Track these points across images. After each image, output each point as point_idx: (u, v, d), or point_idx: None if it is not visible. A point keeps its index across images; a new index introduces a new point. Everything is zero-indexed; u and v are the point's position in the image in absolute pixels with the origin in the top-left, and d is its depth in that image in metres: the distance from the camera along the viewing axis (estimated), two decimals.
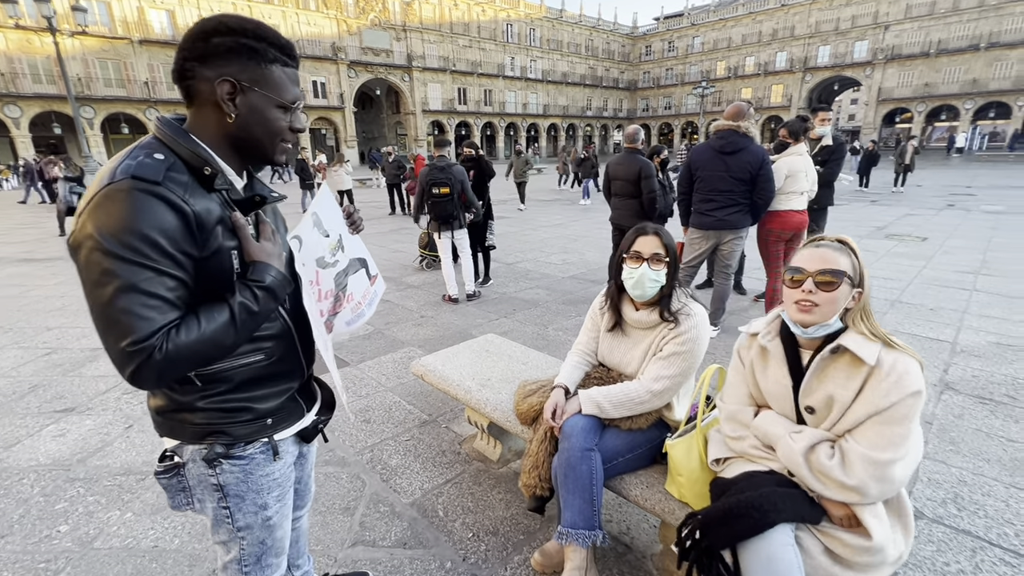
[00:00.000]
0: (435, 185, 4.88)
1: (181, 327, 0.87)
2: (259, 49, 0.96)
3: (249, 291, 0.95)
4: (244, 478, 1.09)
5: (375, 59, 39.73)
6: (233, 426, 1.05)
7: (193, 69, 0.94)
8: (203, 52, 0.93)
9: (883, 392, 1.19)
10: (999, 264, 6.36)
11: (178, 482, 1.08)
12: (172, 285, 0.87)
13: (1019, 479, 2.34)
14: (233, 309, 0.92)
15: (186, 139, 0.95)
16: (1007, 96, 38.28)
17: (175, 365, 0.86)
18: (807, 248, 1.34)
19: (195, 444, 1.05)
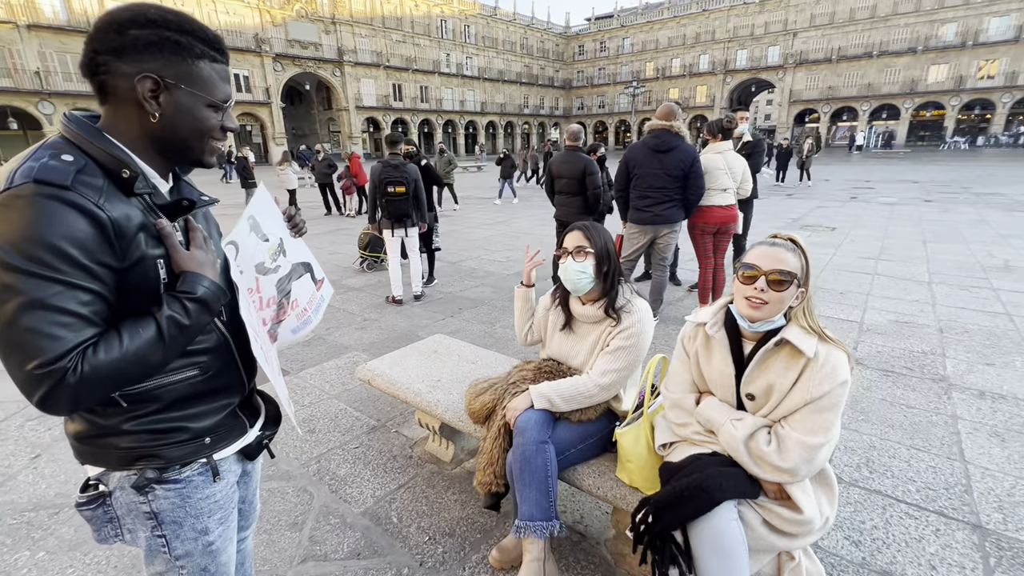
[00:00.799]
0: (391, 184, 4.78)
1: (100, 345, 0.79)
2: (184, 43, 0.88)
3: (179, 303, 0.87)
4: (181, 503, 1.01)
5: (303, 52, 37.94)
6: (166, 448, 0.96)
7: (107, 64, 0.85)
8: (119, 45, 0.84)
9: (817, 382, 1.30)
10: (895, 250, 7.11)
11: (104, 513, 0.98)
12: (86, 299, 0.79)
13: (918, 441, 2.64)
14: (160, 324, 0.84)
15: (100, 139, 0.86)
16: (896, 99, 42.77)
17: (92, 388, 0.78)
18: (761, 246, 1.40)
19: (123, 470, 0.96)
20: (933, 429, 2.74)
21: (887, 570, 1.84)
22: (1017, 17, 37.61)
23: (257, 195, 1.17)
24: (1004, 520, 2.07)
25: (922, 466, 2.43)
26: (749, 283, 1.36)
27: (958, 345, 3.84)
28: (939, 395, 3.11)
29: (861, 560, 1.89)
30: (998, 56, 38.69)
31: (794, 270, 1.34)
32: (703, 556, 1.24)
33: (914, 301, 4.89)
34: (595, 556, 1.94)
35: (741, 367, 1.42)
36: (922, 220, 9.59)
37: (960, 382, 3.27)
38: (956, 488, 2.27)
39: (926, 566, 1.86)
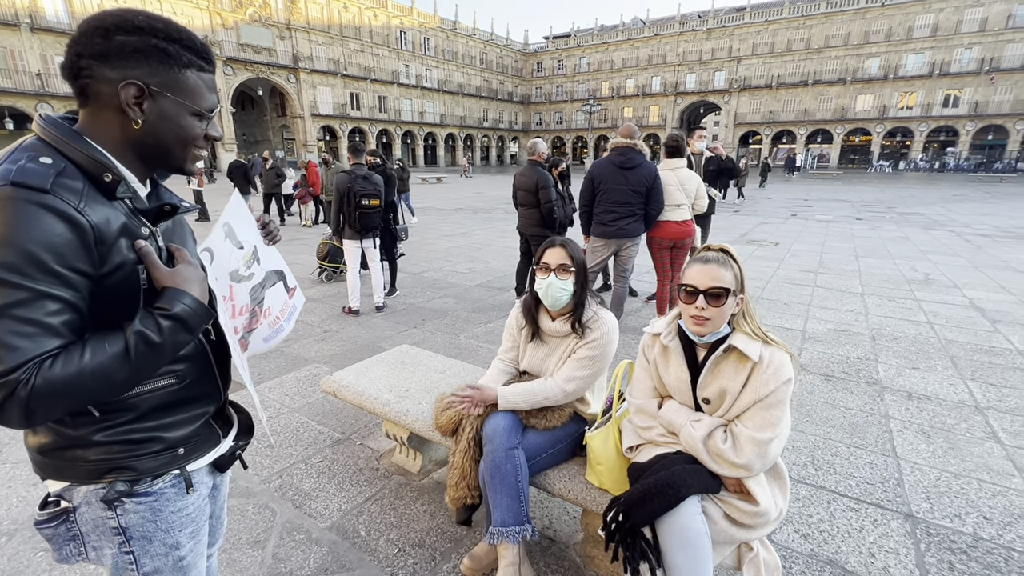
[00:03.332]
0: (366, 197, 4.72)
1: (58, 358, 0.75)
2: (171, 52, 0.88)
3: (152, 320, 0.83)
4: (152, 517, 0.97)
5: (256, 57, 36.84)
6: (138, 459, 0.93)
7: (90, 68, 0.83)
8: (103, 50, 0.83)
9: (764, 382, 1.41)
10: (831, 264, 7.65)
11: (67, 530, 0.94)
12: (54, 308, 0.76)
13: (856, 439, 2.85)
14: (128, 340, 0.81)
15: (79, 142, 0.84)
16: (829, 124, 46.17)
17: (46, 403, 0.75)
18: (696, 264, 1.49)
19: (90, 484, 0.92)
20: (869, 428, 2.97)
21: (833, 559, 1.98)
22: (930, 55, 41.65)
23: (232, 202, 1.16)
24: (931, 509, 2.27)
25: (860, 462, 2.63)
26: (691, 301, 1.45)
27: (888, 351, 4.17)
28: (873, 397, 3.37)
29: (810, 551, 2.02)
30: (915, 89, 42.63)
31: (728, 284, 1.44)
32: (671, 550, 1.31)
33: (849, 311, 5.28)
34: (565, 560, 1.98)
35: (696, 372, 1.52)
36: (854, 236, 10.36)
37: (891, 385, 3.55)
38: (890, 482, 2.47)
39: (866, 554, 2.01)
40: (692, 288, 1.45)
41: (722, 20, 50.26)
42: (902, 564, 1.96)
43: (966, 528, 2.16)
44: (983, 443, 2.82)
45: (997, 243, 9.63)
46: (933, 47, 41.46)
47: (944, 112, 42.01)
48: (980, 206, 16.63)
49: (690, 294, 1.46)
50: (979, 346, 4.30)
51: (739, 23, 48.90)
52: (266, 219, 1.26)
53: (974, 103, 40.64)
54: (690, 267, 1.50)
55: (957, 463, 2.63)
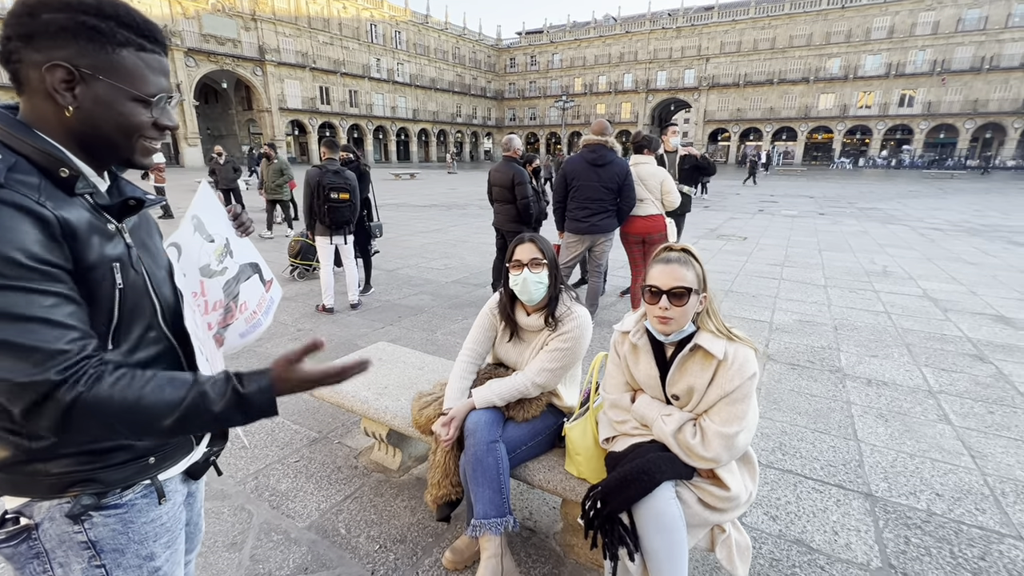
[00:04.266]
0: (335, 190, 4.65)
1: (124, 377, 0.75)
2: (103, 29, 0.79)
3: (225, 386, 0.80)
4: (123, 529, 0.92)
5: (219, 48, 35.63)
6: (105, 471, 0.88)
7: (18, 51, 0.77)
8: (29, 31, 0.76)
9: (728, 379, 1.45)
10: (797, 258, 7.93)
11: (29, 548, 0.87)
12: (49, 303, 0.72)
13: (820, 425, 2.98)
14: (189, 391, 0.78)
15: (28, 134, 0.79)
16: (794, 122, 47.65)
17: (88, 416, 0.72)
18: (658, 264, 1.50)
19: (53, 499, 0.86)
20: (832, 414, 3.11)
21: (799, 538, 2.08)
22: (887, 56, 43.41)
23: (200, 193, 1.11)
24: (889, 488, 2.40)
25: (824, 446, 2.76)
26: (655, 302, 1.48)
27: (849, 340, 4.37)
28: (836, 384, 3.52)
29: (778, 532, 2.12)
30: (873, 89, 44.39)
31: (690, 283, 1.46)
32: (647, 534, 1.35)
33: (814, 303, 5.49)
34: (545, 549, 2.01)
35: (665, 369, 1.56)
36: (817, 231, 10.76)
37: (852, 372, 3.72)
38: (851, 463, 2.60)
39: (830, 532, 2.12)
40: (655, 288, 1.47)
41: (691, 19, 51.22)
42: (863, 540, 2.07)
43: (920, 505, 2.29)
44: (935, 425, 3.00)
45: (948, 236, 10.15)
46: (890, 48, 43.23)
47: (900, 111, 43.91)
48: (933, 201, 17.47)
49: (654, 294, 1.48)
50: (932, 334, 4.54)
51: (707, 22, 49.92)
52: (237, 210, 1.22)
53: (927, 103, 42.61)
54: (652, 268, 1.52)
55: (912, 444, 2.79)
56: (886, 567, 1.94)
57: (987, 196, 19.52)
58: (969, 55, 40.77)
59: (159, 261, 1.02)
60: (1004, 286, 6.28)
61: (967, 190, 22.33)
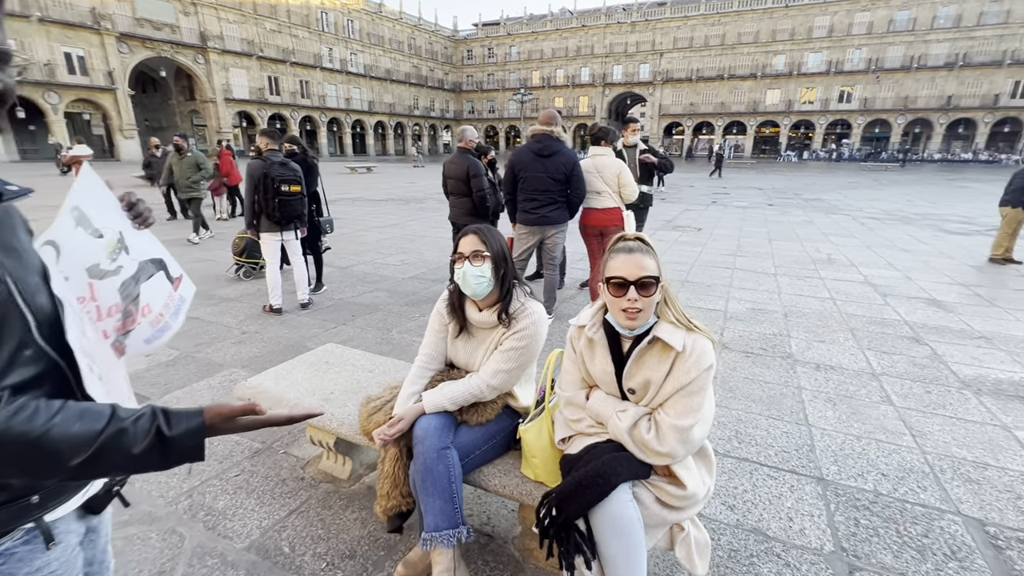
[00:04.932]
0: (285, 182, 4.38)
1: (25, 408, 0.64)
2: None
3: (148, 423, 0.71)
4: None
5: (156, 34, 33.40)
6: None
7: None
8: None
9: (685, 370, 1.41)
10: (748, 247, 8.18)
11: None
12: None
13: (774, 411, 3.04)
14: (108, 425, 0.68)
15: None
16: (743, 117, 49.41)
17: None
18: (620, 254, 1.44)
19: None
20: (784, 400, 3.18)
21: (756, 527, 2.09)
22: (827, 54, 45.60)
23: (81, 179, 0.93)
24: (839, 471, 2.47)
25: (778, 432, 2.81)
26: (621, 294, 1.41)
27: (798, 327, 4.51)
28: (787, 370, 3.62)
29: (736, 522, 2.12)
30: (815, 85, 46.55)
31: (655, 272, 1.41)
32: (604, 539, 1.29)
33: (765, 291, 5.66)
34: (503, 555, 1.94)
35: (621, 364, 1.51)
36: (767, 221, 11.15)
37: (802, 358, 3.83)
38: (804, 448, 2.66)
39: (785, 519, 2.14)
40: (621, 280, 1.40)
41: (645, 14, 52.08)
42: (816, 525, 2.10)
43: (868, 486, 2.36)
44: (879, 406, 3.11)
45: (885, 225, 10.74)
46: (830, 47, 45.42)
47: (840, 107, 46.28)
48: (870, 192, 18.50)
49: (619, 286, 1.41)
50: (873, 318, 4.76)
51: (660, 17, 50.90)
52: (133, 197, 1.04)
53: (864, 99, 45.09)
54: (614, 259, 1.44)
55: (859, 426, 2.88)
56: (838, 550, 1.97)
57: (917, 187, 20.85)
58: (900, 54, 43.37)
59: (29, 265, 0.84)
60: (935, 271, 6.68)
61: (900, 181, 23.79)
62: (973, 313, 4.94)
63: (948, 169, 34.92)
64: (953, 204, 14.80)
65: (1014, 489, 2.35)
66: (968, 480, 2.41)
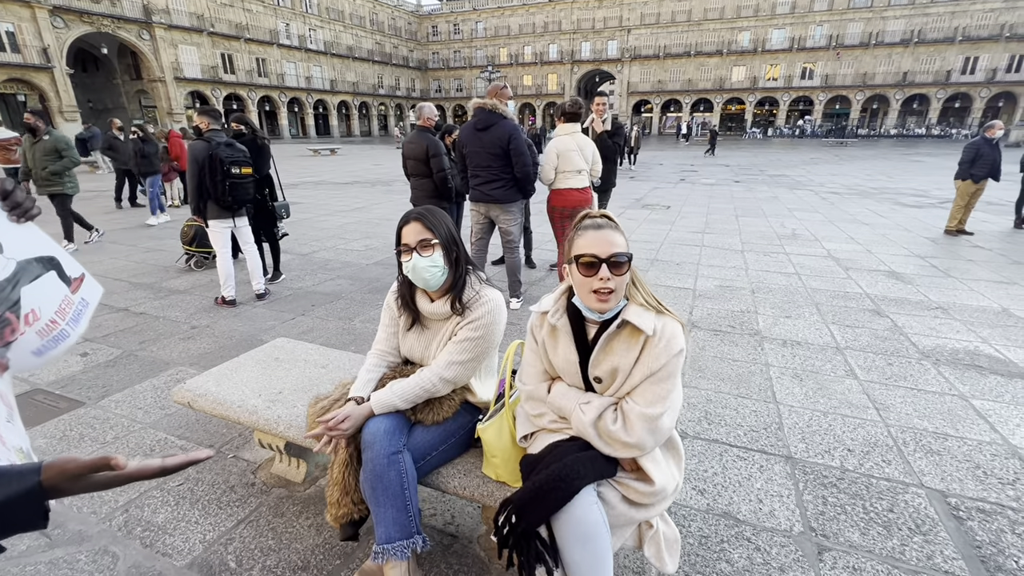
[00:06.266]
0: (236, 164, 4.10)
1: None
2: None
3: None
4: None
5: (94, 7, 31.03)
6: None
7: None
8: None
9: (655, 356, 1.31)
10: (716, 224, 8.22)
11: None
12: None
13: (743, 390, 3.03)
14: None
15: None
16: (710, 94, 49.74)
17: None
18: (588, 231, 1.34)
19: None
20: (753, 378, 3.17)
21: (727, 511, 2.05)
22: (791, 30, 46.11)
23: None
24: (807, 449, 2.46)
25: (747, 411, 2.79)
26: (592, 274, 1.31)
27: (765, 303, 4.53)
28: (755, 347, 3.62)
29: (706, 506, 2.08)
30: (779, 62, 47.13)
31: (626, 249, 1.33)
32: (567, 547, 1.20)
33: (732, 267, 5.68)
34: (468, 556, 1.84)
35: (586, 352, 1.40)
36: (734, 198, 11.26)
37: (769, 334, 3.84)
38: (772, 427, 2.64)
39: (755, 501, 2.11)
40: (591, 258, 1.30)
41: None
42: (785, 506, 2.08)
43: (834, 462, 2.36)
44: (844, 380, 3.14)
45: (845, 199, 10.99)
46: (793, 23, 45.91)
47: (802, 84, 47.06)
48: (832, 167, 18.95)
49: (590, 266, 1.30)
50: (837, 292, 4.83)
51: None
52: (8, 185, 0.88)
53: (825, 75, 45.95)
54: (581, 236, 1.34)
55: (824, 402, 2.89)
56: (807, 530, 1.95)
57: (875, 161, 21.47)
58: (859, 31, 44.22)
59: None
60: (894, 244, 6.85)
61: (860, 157, 24.46)
62: (930, 284, 5.07)
63: (903, 144, 36.14)
64: (908, 178, 15.28)
65: (972, 459, 2.38)
66: (929, 451, 2.44)
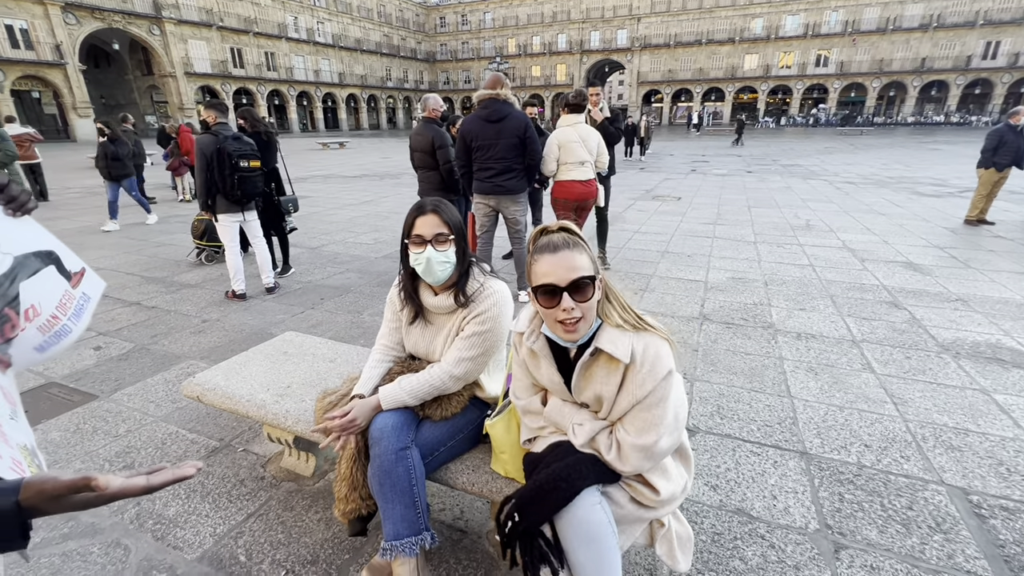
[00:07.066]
0: (244, 158, 4.09)
1: None
2: None
3: None
4: None
5: (105, 3, 31.26)
6: None
7: None
8: None
9: (639, 383, 1.20)
10: (728, 215, 8.10)
11: None
12: None
13: (756, 383, 2.97)
14: None
15: None
16: (722, 83, 48.96)
17: None
18: (544, 255, 1.20)
19: None
20: (766, 371, 3.12)
21: (740, 507, 2.02)
22: (805, 16, 45.14)
23: None
24: (822, 444, 2.41)
25: (760, 406, 2.74)
26: (553, 303, 1.18)
27: (779, 295, 4.45)
28: (768, 340, 3.55)
29: (719, 503, 2.04)
30: (793, 49, 46.22)
31: (589, 270, 1.19)
32: (572, 547, 1.17)
33: (745, 259, 5.59)
34: (477, 552, 1.83)
35: (569, 372, 1.32)
36: (746, 188, 11.09)
37: (783, 327, 3.77)
38: (786, 422, 2.59)
39: (769, 497, 2.07)
40: (551, 287, 1.17)
41: None
42: (800, 503, 2.03)
43: (851, 458, 2.30)
44: (860, 374, 3.07)
45: (861, 189, 10.77)
46: (807, 9, 44.93)
47: (816, 71, 46.15)
48: (846, 156, 18.58)
49: (550, 294, 1.17)
50: (852, 284, 4.73)
51: None
52: (2, 179, 0.87)
53: (840, 62, 44.98)
54: (538, 262, 1.20)
55: (841, 396, 2.83)
56: (823, 528, 1.91)
57: (891, 150, 21.02)
58: (876, 15, 43.16)
59: None
60: (911, 234, 6.70)
61: (876, 145, 23.95)
62: (949, 276, 4.95)
63: (921, 132, 35.33)
64: (926, 167, 14.94)
65: (995, 455, 2.32)
66: (950, 447, 2.38)
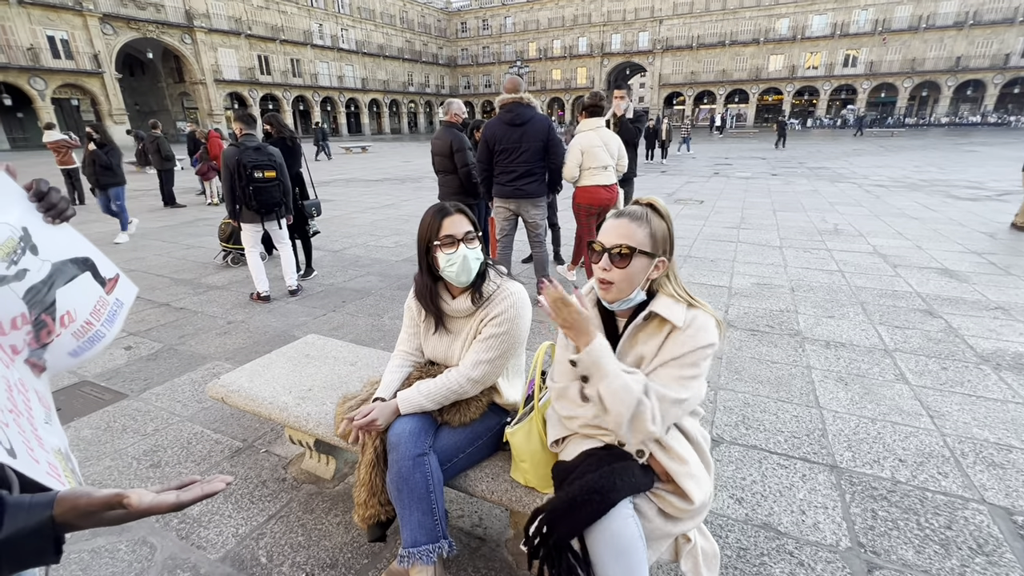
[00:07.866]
0: (258, 168, 4.15)
1: None
2: None
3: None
4: None
5: (140, 14, 32.43)
6: None
7: None
8: None
9: (680, 343, 1.24)
10: (752, 219, 7.93)
11: None
12: None
13: (783, 393, 2.89)
14: None
15: None
16: (746, 84, 48.20)
17: None
18: (610, 219, 1.32)
19: None
20: (793, 381, 3.02)
21: (767, 522, 1.95)
22: (832, 15, 44.14)
23: None
24: (853, 457, 2.32)
25: (787, 416, 2.66)
26: (596, 261, 1.31)
27: (806, 302, 4.32)
28: (796, 348, 3.45)
29: (745, 516, 1.98)
30: (820, 49, 45.21)
31: (639, 243, 1.26)
32: (602, 560, 1.14)
33: (770, 264, 5.46)
34: (496, 561, 1.81)
35: (615, 342, 1.36)
36: (771, 192, 10.85)
37: (811, 335, 3.66)
38: (815, 433, 2.51)
39: (797, 512, 2.00)
40: (598, 246, 1.30)
41: None
42: (830, 518, 1.96)
43: (885, 473, 2.21)
44: (893, 385, 2.95)
45: (892, 192, 10.43)
46: (835, 8, 43.92)
47: (844, 71, 45.04)
48: (876, 159, 18.04)
49: (596, 251, 1.30)
50: (884, 290, 4.57)
51: None
52: (43, 186, 0.87)
53: (869, 62, 43.81)
54: (607, 222, 1.33)
55: (872, 408, 2.72)
56: (855, 546, 1.83)
57: (924, 152, 20.34)
58: (908, 14, 41.93)
59: None
60: (946, 239, 6.45)
61: (907, 147, 23.21)
62: (988, 282, 4.74)
63: (955, 133, 34.10)
64: (962, 169, 14.40)
65: None
66: (992, 464, 2.26)
